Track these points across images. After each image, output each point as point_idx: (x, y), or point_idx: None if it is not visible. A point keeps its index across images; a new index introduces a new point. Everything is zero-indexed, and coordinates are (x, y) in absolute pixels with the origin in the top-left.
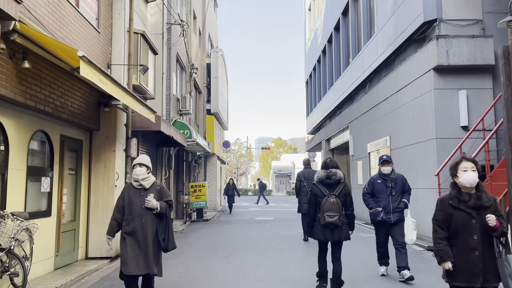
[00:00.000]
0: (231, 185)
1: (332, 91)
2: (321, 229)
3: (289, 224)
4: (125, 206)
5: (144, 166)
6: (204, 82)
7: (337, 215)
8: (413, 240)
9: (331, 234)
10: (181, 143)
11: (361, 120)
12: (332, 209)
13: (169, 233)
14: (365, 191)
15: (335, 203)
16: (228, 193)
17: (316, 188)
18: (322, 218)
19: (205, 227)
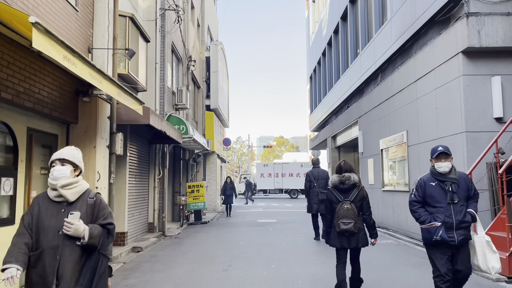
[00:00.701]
0: (229, 184)
1: (338, 85)
2: (337, 236)
3: (295, 228)
4: (33, 231)
5: (67, 164)
6: (203, 76)
7: (352, 222)
8: (495, 268)
9: (347, 241)
10: (176, 139)
11: (372, 115)
12: (346, 216)
13: (97, 284)
14: (412, 198)
15: (349, 210)
16: (226, 193)
17: (330, 194)
18: (337, 225)
19: (203, 231)
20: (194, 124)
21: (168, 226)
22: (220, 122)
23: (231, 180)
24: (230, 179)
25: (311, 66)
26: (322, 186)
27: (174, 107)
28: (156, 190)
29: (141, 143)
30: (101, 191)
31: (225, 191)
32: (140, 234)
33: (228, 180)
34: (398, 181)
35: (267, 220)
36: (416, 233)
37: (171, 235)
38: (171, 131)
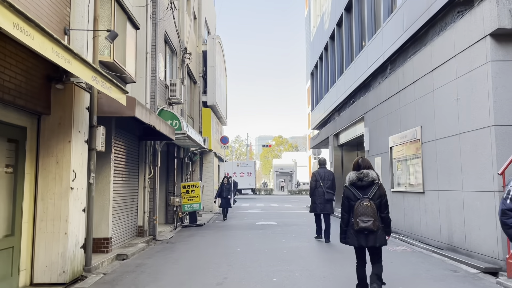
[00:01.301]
0: (226, 184)
1: (342, 79)
2: (354, 234)
3: (296, 231)
4: None
5: None
6: (200, 71)
7: (371, 219)
8: None
9: (365, 239)
10: (167, 135)
11: (379, 110)
12: (365, 213)
13: None
14: (508, 205)
15: (368, 207)
16: (223, 195)
17: (348, 191)
18: (356, 223)
19: (198, 234)
20: (190, 121)
21: (161, 229)
22: (218, 120)
23: (228, 180)
24: (227, 178)
25: (312, 62)
26: (327, 186)
27: (167, 101)
28: (146, 190)
29: (129, 139)
30: (77, 192)
31: (221, 192)
32: (128, 239)
33: (225, 181)
34: (410, 181)
35: (266, 222)
36: (432, 239)
37: (163, 239)
38: (162, 126)
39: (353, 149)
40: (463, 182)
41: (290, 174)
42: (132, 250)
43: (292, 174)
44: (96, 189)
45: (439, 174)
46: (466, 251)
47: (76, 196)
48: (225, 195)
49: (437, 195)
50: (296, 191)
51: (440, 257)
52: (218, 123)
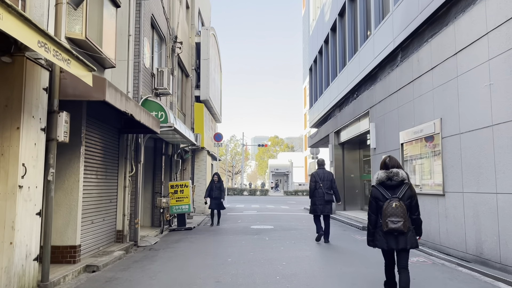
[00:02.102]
0: (216, 183)
1: (344, 73)
2: (383, 236)
3: (296, 237)
4: None
5: None
6: (193, 64)
7: (401, 220)
8: None
9: (395, 241)
10: (150, 127)
11: (388, 103)
12: (395, 214)
13: None
14: None
15: (398, 207)
16: (212, 194)
17: (376, 191)
18: (385, 224)
19: (185, 240)
20: (181, 117)
21: (145, 234)
22: (212, 116)
23: (219, 178)
24: (218, 176)
25: (311, 56)
26: (327, 187)
27: (153, 91)
28: (127, 190)
29: (106, 131)
30: (29, 191)
31: (210, 192)
32: (104, 246)
33: (216, 178)
34: (426, 181)
35: (262, 226)
36: (454, 249)
37: (145, 246)
38: (144, 116)
39: (355, 148)
40: (497, 183)
41: (286, 174)
42: (105, 260)
43: (288, 175)
44: (60, 188)
45: (465, 173)
46: (501, 265)
47: (26, 197)
48: (215, 195)
49: (462, 198)
50: (292, 192)
51: (468, 271)
52: (212, 119)
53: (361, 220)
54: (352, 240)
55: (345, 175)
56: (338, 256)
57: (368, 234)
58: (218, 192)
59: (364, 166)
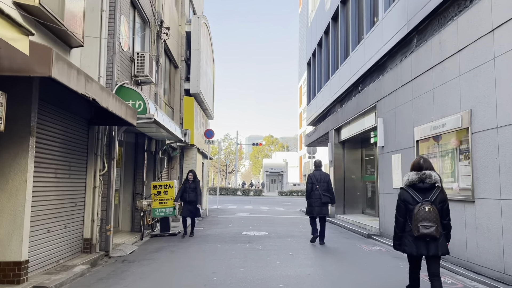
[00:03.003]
0: (191, 183)
1: (347, 64)
2: (413, 242)
3: (293, 246)
4: None
5: None
6: (183, 55)
7: (434, 225)
8: None
9: (425, 247)
10: (123, 118)
11: (400, 95)
12: (428, 219)
13: None
14: None
15: (431, 212)
16: (185, 197)
17: (405, 194)
18: (416, 229)
19: (166, 249)
20: (169, 111)
21: (120, 241)
22: (203, 112)
23: (194, 176)
24: (193, 174)
25: (310, 50)
26: (324, 189)
27: (132, 78)
28: (97, 191)
29: (70, 121)
30: None
31: (183, 194)
32: (66, 259)
33: (190, 176)
34: (449, 185)
35: (255, 232)
36: (486, 267)
37: (119, 256)
38: (114, 104)
39: (356, 147)
40: None
41: (281, 174)
42: (61, 279)
43: (283, 175)
44: (2, 190)
45: (504, 176)
46: None
47: None
48: (189, 198)
49: (499, 206)
50: (287, 192)
51: None
52: (203, 115)
53: (365, 226)
54: (359, 252)
55: (345, 176)
56: (346, 275)
57: (395, 238)
58: (193, 194)
59: (367, 167)
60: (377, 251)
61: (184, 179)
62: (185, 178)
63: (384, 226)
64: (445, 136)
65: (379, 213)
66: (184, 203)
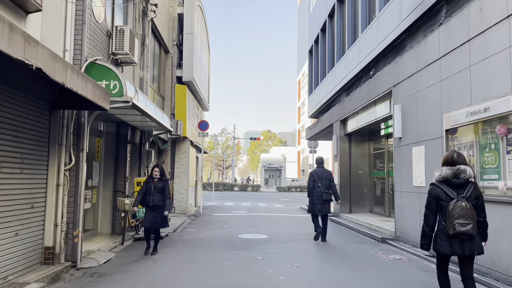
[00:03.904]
0: (157, 181)
1: (355, 49)
2: (446, 240)
3: (298, 255)
4: None
5: None
6: (174, 39)
7: (471, 223)
8: None
9: (460, 246)
10: (91, 99)
11: (424, 77)
12: (464, 216)
13: None
14: None
15: (468, 209)
16: (148, 201)
17: (438, 189)
18: (451, 226)
19: (149, 258)
20: (159, 100)
21: (95, 247)
22: (197, 103)
23: (162, 173)
24: (160, 170)
25: (312, 36)
26: (326, 186)
27: (110, 57)
28: (61, 189)
29: (24, 103)
30: None
31: (145, 196)
32: (19, 273)
33: (156, 173)
34: (492, 183)
35: (253, 234)
36: None
37: (89, 267)
38: (75, 80)
39: (364, 139)
40: None
41: (279, 169)
42: None
43: (281, 170)
44: None
45: None
46: None
47: None
48: (154, 202)
49: None
50: (285, 188)
51: None
52: (197, 106)
53: (376, 228)
54: (377, 262)
55: (352, 171)
56: None
57: (423, 237)
58: (159, 198)
59: (375, 161)
60: (398, 261)
61: (148, 176)
62: (148, 175)
63: (401, 230)
64: (487, 123)
65: (395, 214)
66: (147, 209)
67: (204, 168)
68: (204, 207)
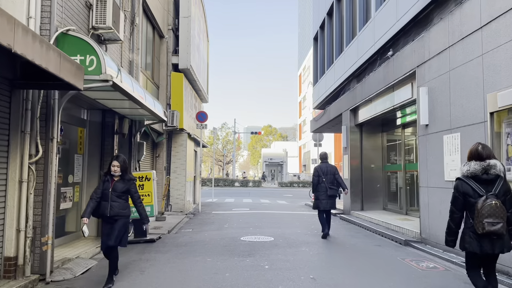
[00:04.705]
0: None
1: (368, 29)
2: (476, 239)
3: (313, 262)
4: None
5: None
6: (170, 23)
7: (501, 221)
8: None
9: (490, 245)
10: (58, 75)
11: (459, 52)
12: (494, 214)
13: None
14: None
15: (498, 207)
16: (104, 209)
17: (465, 185)
18: (480, 226)
19: (135, 267)
20: (154, 89)
21: (73, 254)
22: (195, 93)
23: (124, 167)
24: (122, 164)
25: (317, 22)
26: (330, 181)
27: (90, 31)
28: (25, 187)
29: None
30: None
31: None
32: None
33: (116, 168)
34: None
35: (257, 236)
36: None
37: (61, 281)
38: (33, 48)
39: (376, 130)
40: None
41: (281, 164)
42: None
43: (282, 165)
44: None
45: None
46: None
47: None
48: (111, 212)
49: None
50: (287, 183)
51: None
52: (195, 96)
53: (396, 228)
54: (409, 272)
55: (363, 165)
56: None
57: (448, 234)
58: (120, 204)
59: (389, 154)
60: (433, 270)
61: (104, 173)
62: (104, 172)
63: (428, 231)
64: None
65: (421, 213)
66: (103, 222)
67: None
68: (203, 204)
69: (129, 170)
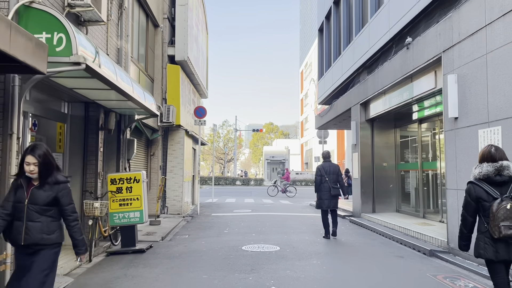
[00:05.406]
0: (36, 186)
1: (381, 15)
2: (491, 244)
3: (327, 279)
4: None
5: None
6: (165, 12)
7: None
8: None
9: (507, 251)
10: (9, 53)
11: (496, 32)
12: (510, 218)
13: None
14: None
15: None
16: (16, 235)
17: (478, 188)
18: (496, 230)
19: (120, 284)
20: (148, 83)
21: None
22: (194, 87)
23: (48, 164)
24: (43, 160)
25: (322, 12)
26: (333, 180)
27: (66, 9)
28: None
29: None
30: None
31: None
32: None
33: (32, 167)
34: None
35: (260, 245)
36: None
37: None
38: None
39: (389, 126)
40: None
41: (283, 162)
42: None
43: (284, 163)
44: None
45: None
46: None
47: None
48: (25, 240)
49: None
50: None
51: None
52: (194, 91)
53: (416, 235)
54: None
55: (374, 163)
56: None
57: (461, 238)
58: (43, 224)
59: (402, 152)
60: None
61: (15, 174)
62: (15, 173)
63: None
64: None
65: (448, 219)
66: (16, 252)
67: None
68: (203, 205)
69: (56, 167)
